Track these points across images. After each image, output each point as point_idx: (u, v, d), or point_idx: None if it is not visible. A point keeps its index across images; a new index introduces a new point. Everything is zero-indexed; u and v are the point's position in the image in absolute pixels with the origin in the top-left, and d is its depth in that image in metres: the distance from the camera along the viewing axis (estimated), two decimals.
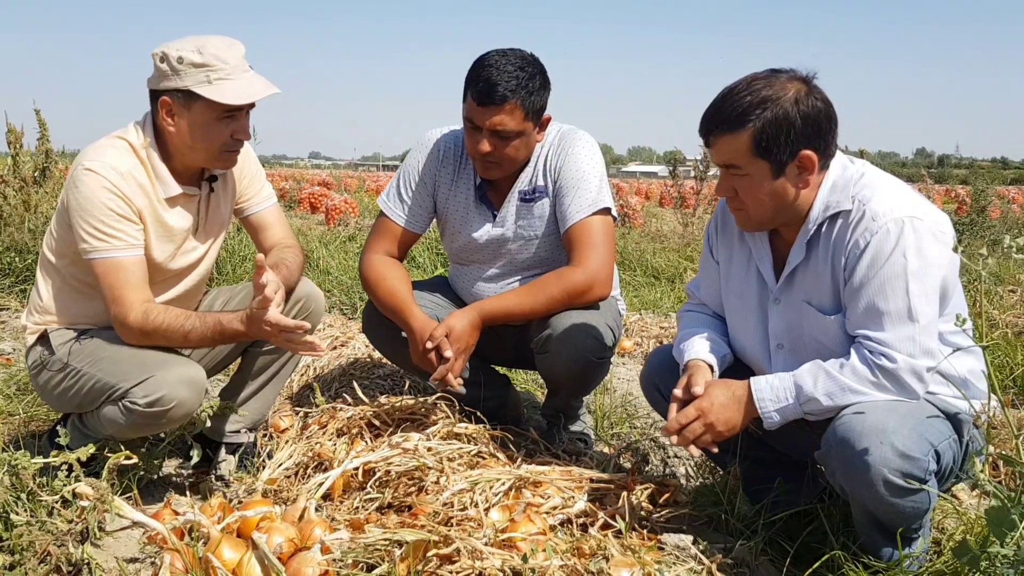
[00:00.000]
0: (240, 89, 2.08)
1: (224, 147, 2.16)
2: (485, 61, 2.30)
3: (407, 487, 2.08)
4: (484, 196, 2.53)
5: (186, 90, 2.06)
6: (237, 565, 1.69)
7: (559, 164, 2.45)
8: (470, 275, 2.65)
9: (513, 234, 2.52)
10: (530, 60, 2.33)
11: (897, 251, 1.66)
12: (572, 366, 2.40)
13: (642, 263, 6.79)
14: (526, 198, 2.49)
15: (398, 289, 2.47)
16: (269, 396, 2.52)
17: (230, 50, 2.09)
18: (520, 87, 2.27)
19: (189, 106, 2.09)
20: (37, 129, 5.30)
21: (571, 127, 2.53)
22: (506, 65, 2.26)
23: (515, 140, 2.34)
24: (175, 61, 2.05)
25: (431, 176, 2.57)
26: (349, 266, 5.83)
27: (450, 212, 2.59)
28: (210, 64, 2.05)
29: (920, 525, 1.72)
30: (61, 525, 1.74)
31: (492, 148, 2.33)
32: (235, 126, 2.14)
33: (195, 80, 2.05)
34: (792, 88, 1.72)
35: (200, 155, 2.17)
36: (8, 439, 2.63)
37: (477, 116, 2.30)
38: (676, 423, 1.83)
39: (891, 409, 1.64)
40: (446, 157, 2.56)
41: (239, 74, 2.09)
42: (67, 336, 2.21)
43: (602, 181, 2.45)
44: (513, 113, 2.29)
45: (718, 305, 2.12)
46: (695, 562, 1.83)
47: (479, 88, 2.27)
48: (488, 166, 2.40)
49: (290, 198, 13.72)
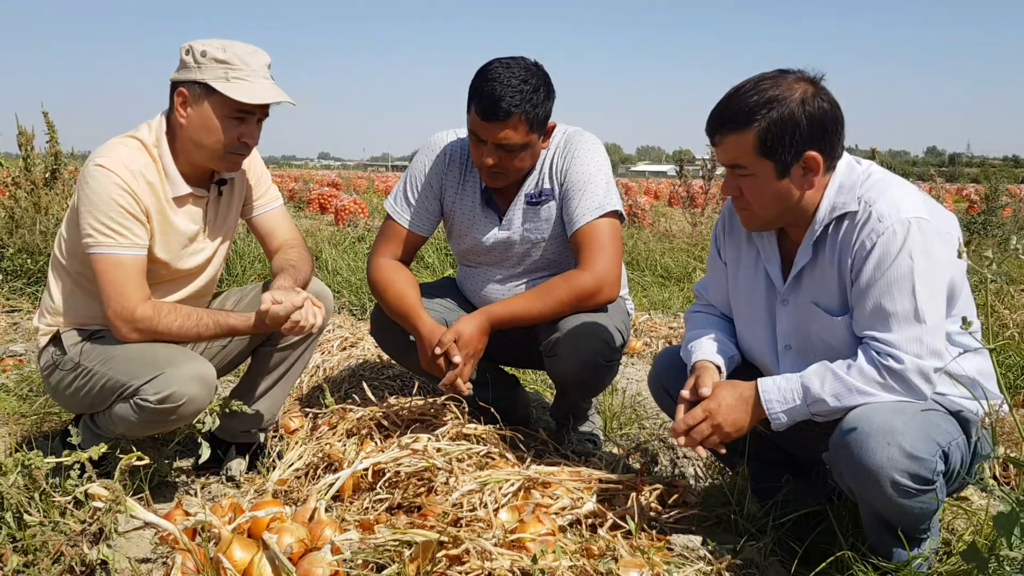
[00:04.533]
0: (254, 91, 2.11)
1: (230, 148, 2.17)
2: (488, 74, 2.27)
3: (416, 488, 2.09)
4: (490, 200, 2.54)
5: (203, 83, 2.10)
6: (248, 565, 1.70)
7: (565, 167, 2.45)
8: (478, 277, 2.65)
9: (520, 237, 2.53)
10: (533, 70, 2.31)
11: (903, 252, 1.66)
12: (581, 369, 2.40)
13: (651, 263, 6.78)
14: (532, 201, 2.49)
15: (406, 294, 2.47)
16: (279, 396, 2.53)
17: (254, 56, 2.14)
18: (524, 101, 2.25)
19: (203, 100, 2.12)
20: (46, 131, 5.33)
21: (576, 129, 2.53)
22: (509, 79, 2.24)
23: (520, 152, 2.34)
24: (199, 54, 2.09)
25: (438, 179, 2.57)
26: (358, 267, 5.84)
27: (456, 215, 2.59)
28: (231, 62, 2.09)
29: (929, 526, 1.72)
30: (74, 525, 1.76)
31: (497, 160, 2.33)
32: (244, 129, 2.16)
33: (213, 75, 2.09)
34: (799, 89, 1.72)
35: (206, 153, 2.18)
36: (21, 440, 2.65)
37: (481, 130, 2.30)
38: (683, 424, 1.83)
39: (898, 410, 1.64)
40: (452, 160, 2.57)
41: (257, 78, 2.13)
42: (78, 337, 2.23)
43: (608, 183, 2.45)
44: (517, 127, 2.28)
45: (726, 306, 2.12)
46: (704, 563, 1.83)
47: (483, 103, 2.25)
48: (494, 177, 2.40)
49: (299, 199, 13.76)
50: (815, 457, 1.92)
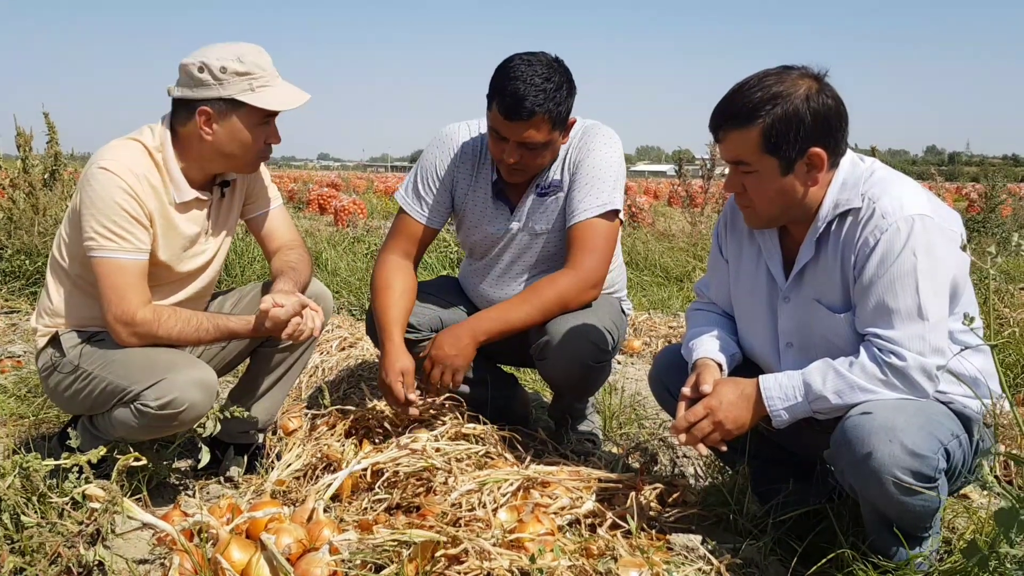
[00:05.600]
0: (281, 95, 2.15)
1: (260, 152, 2.22)
2: (511, 72, 2.24)
3: (415, 488, 2.09)
4: (501, 192, 2.53)
5: (230, 99, 2.10)
6: (246, 566, 1.70)
7: (578, 159, 2.44)
8: (479, 273, 2.65)
9: (527, 229, 2.53)
10: (555, 67, 2.28)
11: (907, 249, 1.65)
12: (571, 372, 2.40)
13: (650, 262, 6.78)
14: (542, 192, 2.48)
15: (392, 305, 2.46)
16: (278, 397, 2.52)
17: (264, 57, 2.15)
18: (548, 99, 2.23)
19: (231, 114, 2.13)
20: (46, 132, 5.33)
21: (595, 122, 2.51)
22: (532, 77, 2.21)
23: (542, 150, 2.34)
24: (218, 71, 2.08)
25: (450, 173, 2.55)
26: (357, 267, 5.83)
27: (468, 208, 2.58)
28: (252, 72, 2.11)
29: (930, 524, 1.71)
30: (71, 527, 1.75)
31: (519, 158, 2.33)
32: (269, 131, 2.20)
33: (239, 88, 2.10)
34: (803, 85, 1.71)
35: (237, 162, 2.21)
36: (19, 441, 2.64)
37: (504, 128, 2.28)
38: (684, 421, 1.83)
39: (900, 407, 1.64)
40: (465, 154, 2.55)
41: (277, 81, 2.16)
42: (78, 339, 2.22)
43: (617, 181, 2.43)
44: (540, 127, 2.26)
45: (727, 303, 2.11)
46: (704, 562, 1.82)
47: (506, 102, 2.23)
48: (514, 173, 2.40)
49: (299, 199, 13.76)
50: (816, 455, 1.92)
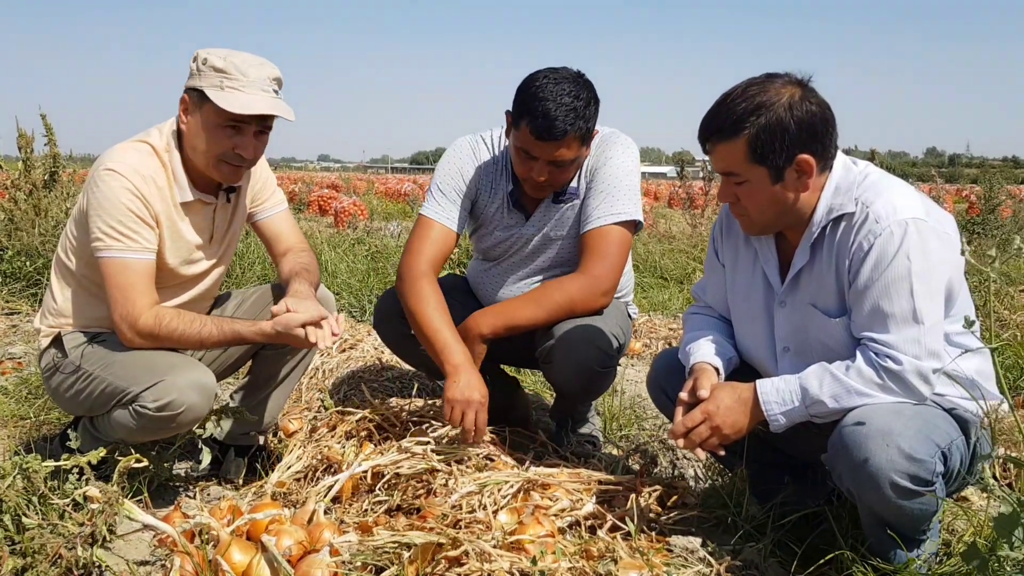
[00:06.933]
0: (242, 100, 2.08)
1: (222, 157, 2.15)
2: (539, 92, 2.22)
3: (416, 490, 2.09)
4: (518, 201, 2.53)
5: (200, 90, 2.09)
6: (246, 568, 1.70)
7: (595, 166, 2.45)
8: (490, 274, 2.65)
9: (541, 235, 2.53)
10: (581, 83, 2.28)
11: (901, 253, 1.66)
12: (576, 376, 2.40)
13: (651, 264, 6.78)
14: (558, 199, 2.49)
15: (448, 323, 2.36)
16: (279, 399, 2.53)
17: (257, 68, 2.11)
18: (578, 118, 2.23)
19: (200, 106, 2.12)
20: (44, 134, 5.33)
21: (613, 131, 2.52)
22: (561, 96, 2.21)
23: (570, 166, 2.35)
24: (201, 62, 2.10)
25: (474, 183, 2.54)
26: (357, 268, 5.83)
27: (486, 216, 2.59)
28: (228, 72, 2.08)
29: (928, 527, 1.71)
30: (72, 528, 1.76)
31: (549, 176, 2.33)
32: (238, 140, 2.13)
33: (209, 83, 2.08)
34: (786, 93, 1.71)
35: (201, 160, 2.17)
36: (20, 442, 2.65)
37: (534, 149, 2.28)
38: (682, 426, 1.83)
39: (897, 411, 1.64)
40: (485, 166, 2.55)
41: (254, 90, 2.09)
42: (80, 339, 2.22)
43: (632, 190, 2.43)
44: (571, 145, 2.27)
45: (724, 308, 2.11)
46: (703, 564, 1.83)
47: (537, 123, 2.22)
48: (542, 189, 2.41)
49: (299, 200, 13.76)
50: (814, 459, 1.92)
